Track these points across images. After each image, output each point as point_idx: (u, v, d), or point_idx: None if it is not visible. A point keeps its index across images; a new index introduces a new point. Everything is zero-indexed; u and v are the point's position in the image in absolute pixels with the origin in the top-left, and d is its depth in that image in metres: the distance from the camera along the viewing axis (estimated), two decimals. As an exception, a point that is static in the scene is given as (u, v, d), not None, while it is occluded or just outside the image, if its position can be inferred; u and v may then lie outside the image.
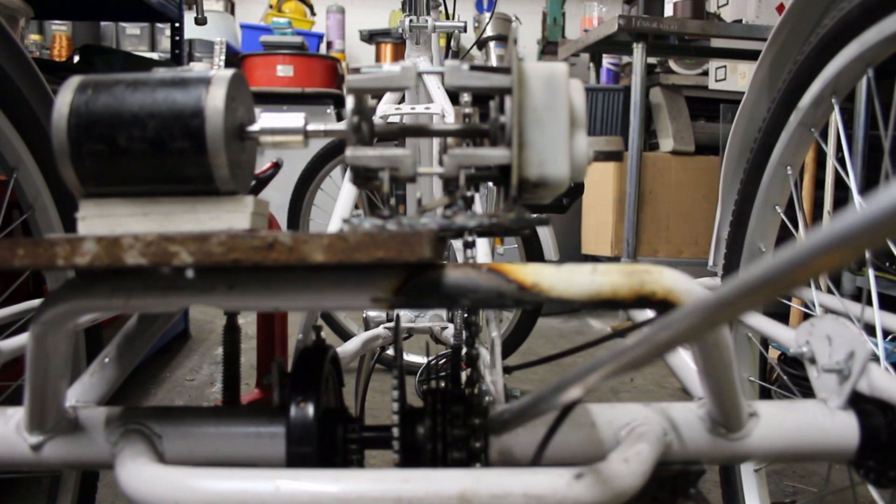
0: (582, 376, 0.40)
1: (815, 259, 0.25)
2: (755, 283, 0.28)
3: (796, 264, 0.26)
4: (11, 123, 0.87)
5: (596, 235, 3.39)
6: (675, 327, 0.33)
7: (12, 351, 0.75)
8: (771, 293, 0.28)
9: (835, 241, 0.24)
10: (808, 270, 0.25)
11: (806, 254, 0.25)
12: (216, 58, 4.37)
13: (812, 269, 0.25)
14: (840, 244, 0.24)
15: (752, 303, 0.29)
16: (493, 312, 1.00)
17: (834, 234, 0.24)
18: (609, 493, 0.43)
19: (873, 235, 0.23)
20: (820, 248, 0.24)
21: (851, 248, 0.24)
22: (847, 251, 0.24)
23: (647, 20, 2.95)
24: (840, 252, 0.24)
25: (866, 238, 0.23)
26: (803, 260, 0.25)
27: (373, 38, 2.09)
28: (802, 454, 0.54)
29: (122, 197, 0.48)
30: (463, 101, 0.52)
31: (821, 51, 0.82)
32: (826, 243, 0.24)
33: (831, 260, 0.24)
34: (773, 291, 0.27)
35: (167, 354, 2.45)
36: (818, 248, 0.24)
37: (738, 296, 0.29)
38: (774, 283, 0.27)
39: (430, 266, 0.45)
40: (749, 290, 0.28)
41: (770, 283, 0.27)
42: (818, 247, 0.24)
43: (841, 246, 0.24)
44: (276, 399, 0.54)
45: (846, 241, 0.23)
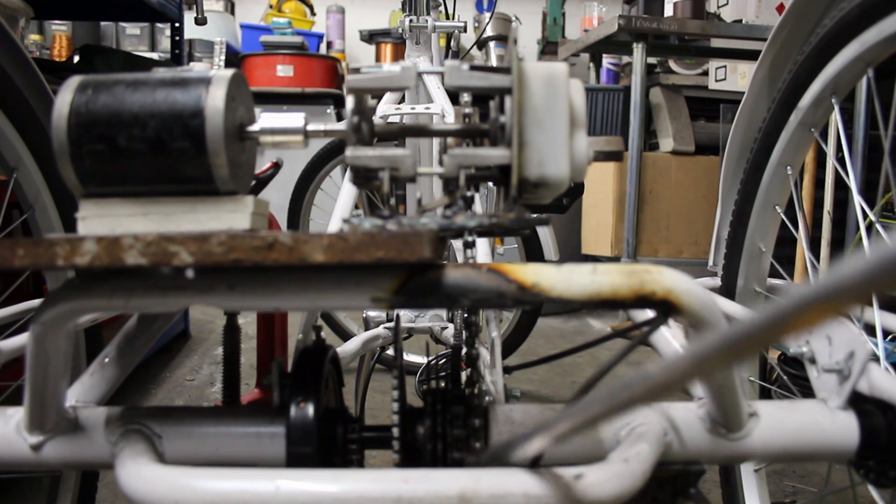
0: (582, 415, 0.38)
1: (848, 292, 0.21)
2: (787, 315, 0.23)
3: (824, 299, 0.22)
4: (11, 123, 0.87)
5: (596, 235, 3.39)
6: (687, 365, 0.30)
7: (12, 351, 0.75)
8: (799, 327, 0.24)
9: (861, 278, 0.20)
10: (836, 307, 0.23)
11: (821, 294, 0.22)
12: (216, 58, 4.37)
13: (845, 301, 0.22)
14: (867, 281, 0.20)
15: (784, 333, 0.24)
16: (493, 312, 1.00)
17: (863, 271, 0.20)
18: (609, 492, 0.43)
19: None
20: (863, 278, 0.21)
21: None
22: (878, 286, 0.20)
23: (647, 20, 2.95)
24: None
25: None
26: (834, 294, 0.22)
27: (373, 38, 2.09)
28: (802, 454, 0.54)
29: (122, 197, 0.48)
30: (463, 101, 0.52)
31: (821, 51, 0.82)
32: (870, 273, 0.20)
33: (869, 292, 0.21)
34: (801, 325, 0.23)
35: (167, 354, 2.45)
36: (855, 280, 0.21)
37: (770, 327, 0.24)
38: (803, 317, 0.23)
39: (430, 266, 0.45)
40: (780, 322, 0.24)
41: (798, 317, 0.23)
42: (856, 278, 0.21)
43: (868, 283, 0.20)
44: (276, 399, 0.54)
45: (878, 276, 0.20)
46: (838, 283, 0.21)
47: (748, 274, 1.02)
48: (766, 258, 1.01)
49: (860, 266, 0.20)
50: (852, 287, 0.20)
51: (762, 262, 1.02)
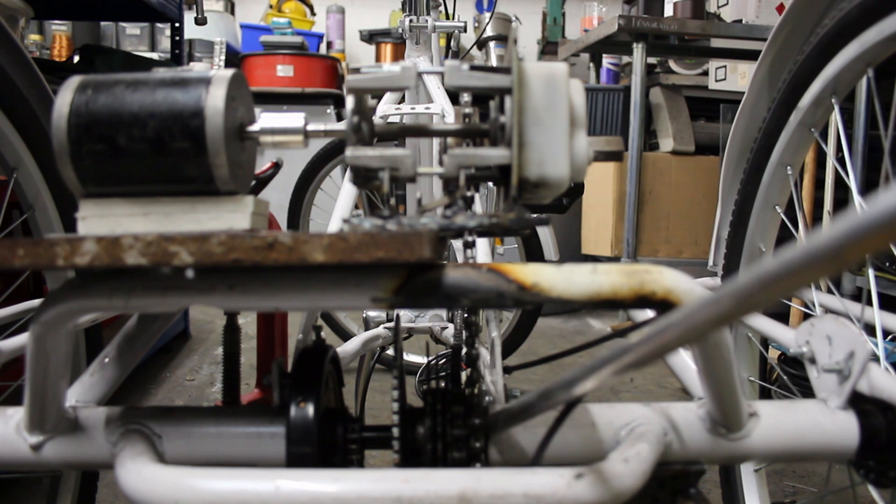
0: (583, 376, 0.39)
1: (821, 259, 0.24)
2: (761, 282, 0.27)
3: (803, 264, 0.25)
4: (11, 123, 0.87)
5: (596, 235, 3.39)
6: (679, 328, 0.32)
7: (12, 351, 0.75)
8: (777, 293, 0.27)
9: (840, 242, 0.23)
10: (816, 271, 0.25)
11: (814, 253, 0.24)
12: (216, 58, 4.37)
13: (819, 269, 0.25)
14: (845, 245, 0.23)
15: (757, 302, 0.28)
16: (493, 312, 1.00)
17: (839, 235, 0.23)
18: (609, 493, 0.43)
19: (877, 237, 0.22)
20: (827, 247, 0.24)
21: (857, 250, 0.23)
22: (852, 252, 0.23)
23: (647, 20, 2.95)
24: (845, 253, 0.23)
25: (871, 240, 0.22)
26: (810, 260, 0.25)
27: (373, 38, 2.09)
28: (802, 454, 0.54)
29: (122, 197, 0.48)
30: (463, 101, 0.52)
31: (821, 51, 0.82)
32: (832, 244, 0.24)
33: (838, 261, 0.24)
34: (779, 291, 0.27)
35: (167, 354, 2.45)
36: (825, 249, 0.24)
37: (744, 295, 0.28)
38: (782, 283, 0.26)
39: (430, 266, 0.45)
40: (756, 290, 0.28)
41: (777, 283, 0.26)
42: (825, 247, 0.24)
43: (845, 247, 0.23)
44: (276, 399, 0.54)
45: (851, 242, 0.23)
46: (857, 228, 0.22)
47: (748, 274, 1.02)
48: (766, 258, 1.01)
49: (876, 212, 0.21)
50: (870, 231, 0.21)
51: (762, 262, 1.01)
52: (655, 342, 0.34)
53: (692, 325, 0.32)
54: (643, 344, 0.34)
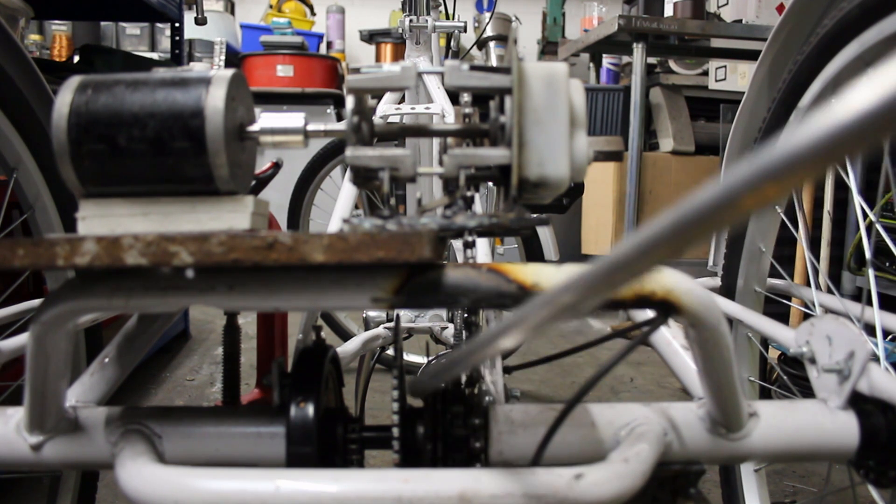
0: (501, 333, 0.39)
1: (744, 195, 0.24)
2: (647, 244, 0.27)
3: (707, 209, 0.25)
4: (11, 123, 0.87)
5: (596, 235, 3.39)
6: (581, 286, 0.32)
7: (12, 351, 0.75)
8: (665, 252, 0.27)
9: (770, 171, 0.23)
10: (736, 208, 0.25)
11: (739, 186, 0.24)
12: (216, 58, 4.38)
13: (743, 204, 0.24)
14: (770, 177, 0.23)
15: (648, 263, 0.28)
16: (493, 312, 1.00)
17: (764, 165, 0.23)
18: (609, 493, 0.43)
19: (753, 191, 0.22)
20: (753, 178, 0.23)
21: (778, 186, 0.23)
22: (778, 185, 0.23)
23: (647, 20, 2.95)
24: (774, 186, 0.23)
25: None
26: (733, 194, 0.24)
27: (373, 38, 2.09)
28: (802, 454, 0.54)
29: (122, 197, 0.48)
30: (463, 101, 0.52)
31: (821, 51, 0.82)
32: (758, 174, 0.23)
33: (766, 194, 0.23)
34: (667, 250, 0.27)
35: (167, 354, 2.46)
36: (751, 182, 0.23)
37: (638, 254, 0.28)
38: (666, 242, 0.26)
39: (430, 266, 0.45)
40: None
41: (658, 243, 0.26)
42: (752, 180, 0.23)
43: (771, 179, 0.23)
44: (276, 399, 0.54)
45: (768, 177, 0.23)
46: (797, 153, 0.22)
47: (748, 274, 1.02)
48: (766, 258, 1.01)
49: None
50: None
51: (762, 262, 1.02)
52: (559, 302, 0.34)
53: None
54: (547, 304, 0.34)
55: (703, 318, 0.45)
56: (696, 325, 0.46)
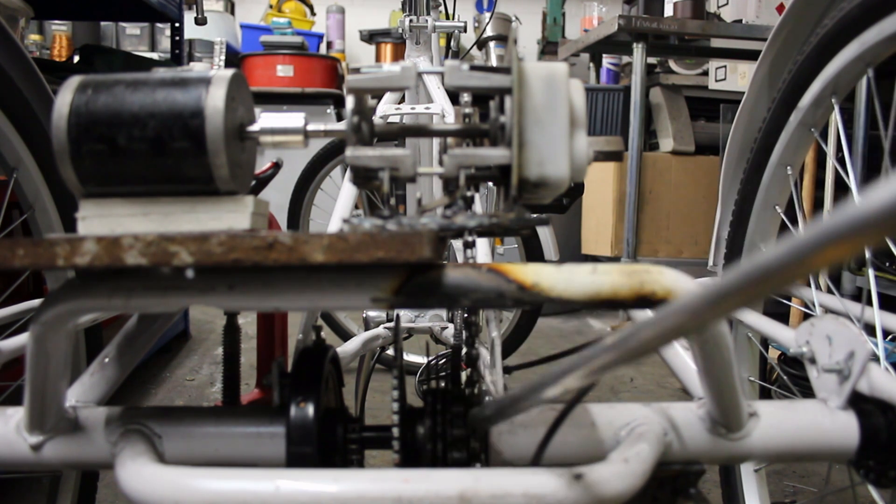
0: (569, 372, 0.39)
1: (815, 253, 0.24)
2: (750, 279, 0.27)
3: (795, 259, 0.25)
4: (11, 123, 0.87)
5: (596, 235, 3.39)
6: (669, 322, 0.32)
7: (12, 351, 0.75)
8: (765, 290, 0.27)
9: (835, 235, 0.23)
10: (807, 266, 0.25)
11: (806, 248, 0.24)
12: (216, 58, 4.37)
13: (811, 264, 0.25)
14: (840, 239, 0.23)
15: (746, 299, 0.28)
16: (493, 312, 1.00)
17: (834, 229, 0.23)
18: (609, 492, 0.43)
19: (873, 231, 0.22)
20: (820, 242, 0.24)
21: (851, 244, 0.23)
22: (846, 247, 0.23)
23: (647, 20, 2.95)
24: (839, 247, 0.23)
25: (865, 234, 0.23)
26: (802, 254, 0.25)
27: (373, 38, 2.09)
28: (802, 454, 0.54)
29: (122, 197, 0.48)
30: (463, 101, 0.52)
31: (821, 51, 0.82)
32: (826, 237, 0.24)
33: (831, 255, 0.24)
34: (767, 288, 0.27)
35: (167, 354, 2.45)
36: (818, 243, 0.24)
37: (733, 291, 0.28)
38: (769, 280, 0.26)
39: (430, 266, 0.45)
40: (745, 286, 0.28)
41: (764, 279, 0.27)
42: (818, 241, 0.24)
43: (840, 241, 0.23)
44: (276, 399, 0.54)
45: (846, 235, 0.23)
46: (852, 221, 0.22)
47: (748, 274, 1.02)
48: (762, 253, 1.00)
49: (873, 205, 0.21)
50: (864, 225, 0.22)
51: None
52: (644, 338, 0.34)
53: (683, 320, 0.32)
54: (632, 339, 0.34)
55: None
56: (696, 325, 0.46)
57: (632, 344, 0.34)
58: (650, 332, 0.33)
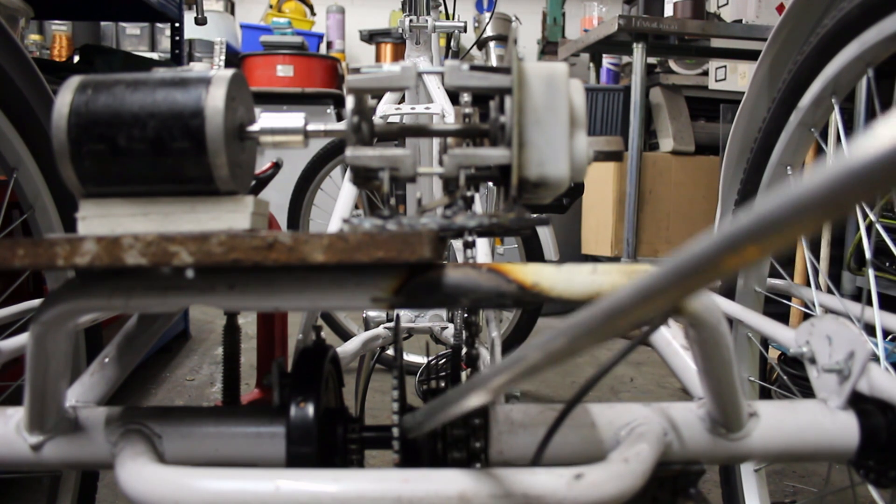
0: (493, 377, 0.39)
1: (725, 254, 0.24)
2: (684, 270, 0.26)
3: (727, 248, 0.24)
4: (11, 123, 0.87)
5: (596, 235, 3.39)
6: (658, 284, 0.32)
7: (12, 351, 0.75)
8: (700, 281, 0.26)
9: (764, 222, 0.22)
10: (720, 267, 0.24)
11: (735, 238, 0.24)
12: (216, 58, 4.37)
13: (725, 264, 0.24)
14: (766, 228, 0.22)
15: (686, 289, 0.27)
16: (493, 312, 1.00)
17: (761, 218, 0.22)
18: (609, 493, 0.43)
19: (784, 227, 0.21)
20: (749, 231, 0.23)
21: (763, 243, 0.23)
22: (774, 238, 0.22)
23: (647, 20, 2.95)
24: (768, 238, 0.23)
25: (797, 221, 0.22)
26: (712, 256, 0.24)
27: (373, 38, 2.09)
28: (802, 454, 0.54)
29: (122, 197, 0.48)
30: (463, 101, 0.52)
31: (821, 51, 0.82)
32: (755, 227, 0.23)
33: (762, 247, 0.23)
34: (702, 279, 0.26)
35: (167, 354, 2.45)
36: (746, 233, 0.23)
37: (667, 282, 0.27)
38: (704, 269, 0.26)
39: (430, 266, 0.45)
40: (679, 277, 0.27)
41: (699, 269, 0.26)
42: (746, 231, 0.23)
43: (767, 231, 0.22)
44: (276, 399, 0.54)
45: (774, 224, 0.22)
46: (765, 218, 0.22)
47: (748, 274, 1.02)
48: (766, 258, 1.01)
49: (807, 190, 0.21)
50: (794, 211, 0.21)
51: (762, 262, 1.02)
52: (573, 335, 0.33)
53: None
54: (556, 339, 0.34)
55: (703, 318, 0.45)
56: (696, 325, 0.46)
57: (555, 346, 0.33)
58: (572, 336, 0.32)
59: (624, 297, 0.28)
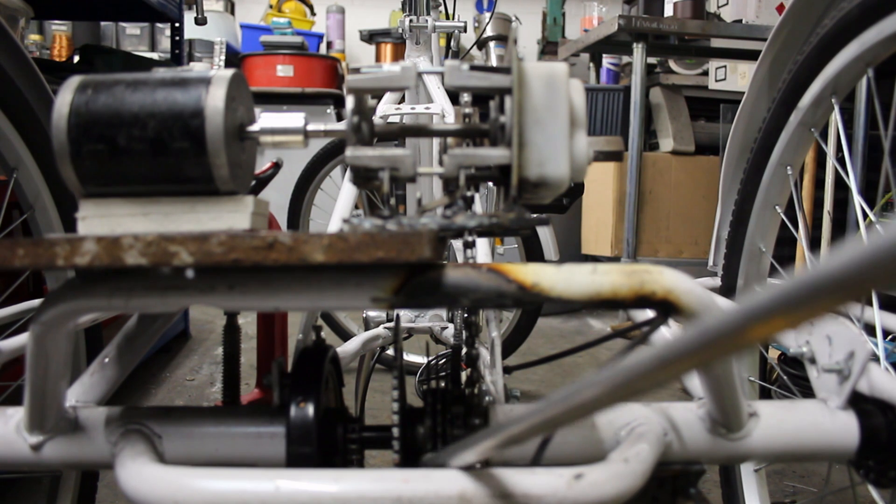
0: (548, 410, 0.38)
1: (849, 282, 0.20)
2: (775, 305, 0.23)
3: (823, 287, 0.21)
4: (11, 123, 0.87)
5: (596, 235, 3.39)
6: (678, 353, 0.30)
7: (12, 351, 0.75)
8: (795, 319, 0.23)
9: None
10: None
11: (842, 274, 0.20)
12: (216, 58, 4.37)
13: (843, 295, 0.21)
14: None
15: (770, 329, 0.24)
16: (493, 312, 1.00)
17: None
18: (609, 493, 0.43)
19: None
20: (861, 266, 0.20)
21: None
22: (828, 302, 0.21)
23: (647, 20, 2.95)
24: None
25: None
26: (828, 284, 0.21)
27: (373, 38, 2.09)
28: (802, 454, 0.54)
29: (122, 197, 0.48)
30: (463, 101, 0.52)
31: (821, 51, 0.82)
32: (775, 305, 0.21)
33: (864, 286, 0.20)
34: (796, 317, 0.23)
35: (167, 354, 2.45)
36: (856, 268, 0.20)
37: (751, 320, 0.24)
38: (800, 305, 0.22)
39: (430, 266, 0.45)
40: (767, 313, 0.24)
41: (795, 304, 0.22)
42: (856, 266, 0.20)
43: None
44: (276, 399, 0.54)
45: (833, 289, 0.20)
46: (837, 275, 0.20)
47: (748, 274, 1.02)
48: (766, 258, 1.01)
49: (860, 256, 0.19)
50: (853, 278, 0.20)
51: (762, 262, 1.02)
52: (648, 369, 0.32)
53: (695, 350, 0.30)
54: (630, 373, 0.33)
55: (704, 318, 0.45)
56: (696, 325, 0.46)
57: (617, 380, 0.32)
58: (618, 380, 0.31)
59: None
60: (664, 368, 0.27)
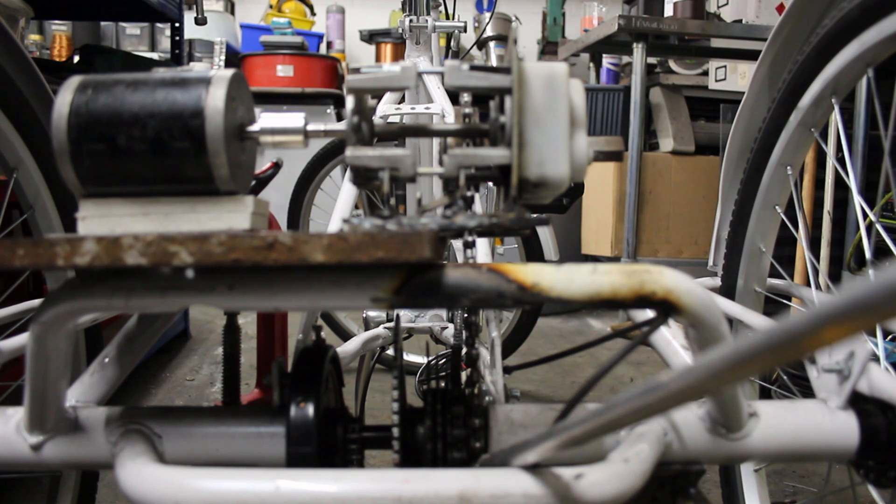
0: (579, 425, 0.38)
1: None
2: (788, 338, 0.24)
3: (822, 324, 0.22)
4: (11, 123, 0.87)
5: (596, 235, 3.39)
6: (683, 384, 0.30)
7: (12, 351, 0.75)
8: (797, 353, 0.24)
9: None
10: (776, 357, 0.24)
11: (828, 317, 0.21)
12: (216, 58, 4.37)
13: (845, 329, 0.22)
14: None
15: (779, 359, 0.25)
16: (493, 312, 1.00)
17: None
18: (609, 493, 0.43)
19: None
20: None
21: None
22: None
23: (647, 20, 2.95)
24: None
25: None
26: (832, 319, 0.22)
27: (373, 38, 2.09)
28: (802, 454, 0.54)
29: (122, 197, 0.48)
30: (463, 101, 0.52)
31: (821, 51, 0.82)
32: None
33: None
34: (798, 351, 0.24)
35: (167, 354, 2.45)
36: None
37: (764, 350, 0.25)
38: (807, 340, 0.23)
39: (430, 266, 0.45)
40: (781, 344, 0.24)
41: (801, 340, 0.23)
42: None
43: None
44: (276, 399, 0.54)
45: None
46: (863, 301, 0.21)
47: (748, 274, 1.02)
48: (766, 258, 1.01)
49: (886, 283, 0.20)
50: (877, 305, 0.20)
51: (762, 262, 1.02)
52: (655, 397, 0.32)
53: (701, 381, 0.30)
54: (641, 398, 0.33)
55: (703, 318, 0.45)
56: (696, 325, 0.46)
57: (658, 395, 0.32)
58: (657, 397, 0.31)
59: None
60: (736, 369, 0.27)
